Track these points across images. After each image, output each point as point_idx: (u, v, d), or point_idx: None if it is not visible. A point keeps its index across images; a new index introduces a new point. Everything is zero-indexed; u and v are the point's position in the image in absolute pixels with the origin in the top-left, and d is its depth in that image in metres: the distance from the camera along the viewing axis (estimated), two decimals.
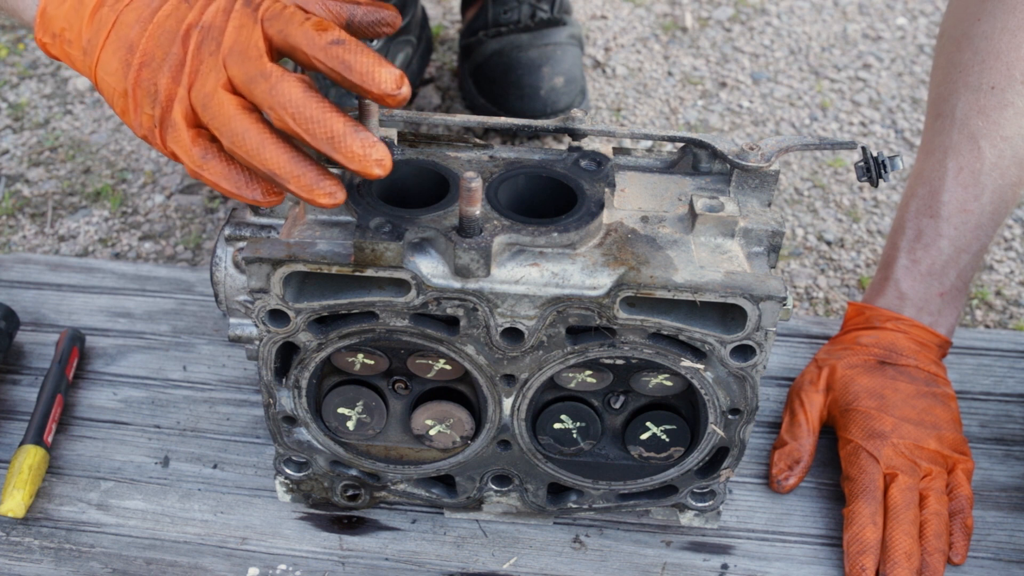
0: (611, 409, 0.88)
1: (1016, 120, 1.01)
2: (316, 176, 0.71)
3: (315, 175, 0.71)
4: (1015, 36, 1.00)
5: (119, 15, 0.75)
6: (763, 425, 1.07)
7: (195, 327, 1.16)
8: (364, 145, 0.69)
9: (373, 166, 0.70)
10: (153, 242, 1.36)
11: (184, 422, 1.07)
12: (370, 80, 0.68)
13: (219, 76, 0.71)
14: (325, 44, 0.69)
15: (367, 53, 0.69)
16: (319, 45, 0.69)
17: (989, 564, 0.96)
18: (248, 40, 0.71)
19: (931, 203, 1.05)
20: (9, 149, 1.50)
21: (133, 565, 0.94)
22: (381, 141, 0.70)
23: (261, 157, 0.71)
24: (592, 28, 1.76)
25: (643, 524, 0.99)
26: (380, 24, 0.78)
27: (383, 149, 0.70)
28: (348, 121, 0.69)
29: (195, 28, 0.73)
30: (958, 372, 1.12)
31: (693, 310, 0.80)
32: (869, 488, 0.95)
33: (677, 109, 1.60)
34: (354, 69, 0.68)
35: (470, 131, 1.28)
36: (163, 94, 0.73)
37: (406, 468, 0.92)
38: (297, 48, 0.70)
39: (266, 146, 0.70)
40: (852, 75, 1.68)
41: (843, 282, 1.33)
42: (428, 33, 1.58)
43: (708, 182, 0.86)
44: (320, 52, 0.69)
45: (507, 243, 0.77)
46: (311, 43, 0.69)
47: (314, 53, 0.69)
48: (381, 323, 0.80)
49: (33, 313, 1.17)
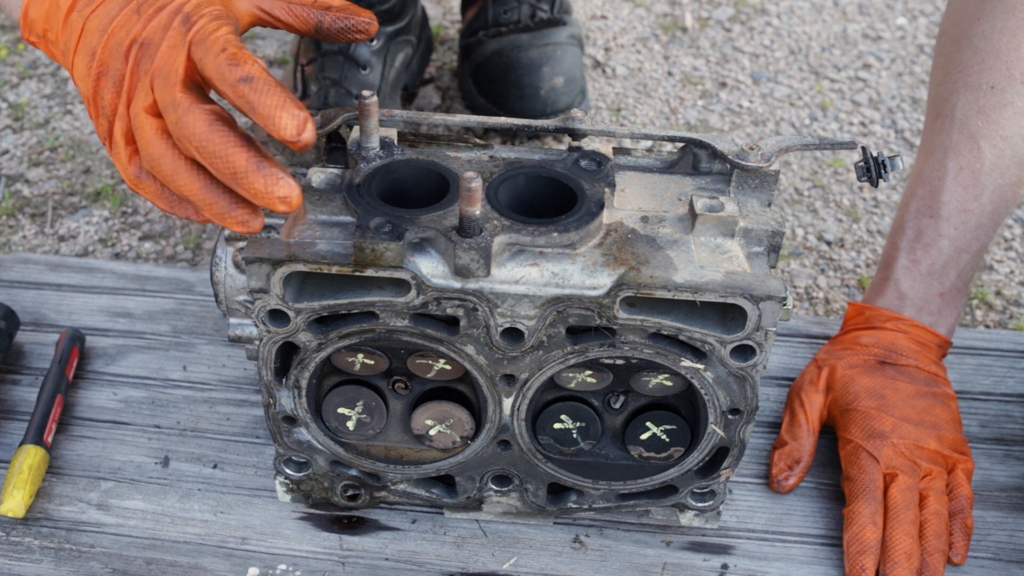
0: (611, 409, 0.88)
1: (1016, 120, 1.01)
2: (228, 205, 0.70)
3: (227, 203, 0.70)
4: (1015, 36, 1.00)
5: (86, 21, 0.75)
6: (763, 425, 1.07)
7: (195, 327, 1.16)
8: (267, 183, 0.67)
9: (277, 203, 0.68)
10: (153, 242, 1.36)
11: (184, 422, 1.07)
12: (271, 123, 0.66)
13: (146, 97, 0.70)
14: (233, 81, 0.67)
15: (273, 94, 0.67)
16: (228, 81, 0.67)
17: (989, 564, 0.96)
18: (172, 64, 0.70)
19: (931, 203, 1.05)
20: (9, 149, 1.50)
21: (133, 565, 0.94)
22: (288, 178, 0.68)
23: (176, 183, 0.70)
24: (592, 28, 1.76)
25: (643, 524, 0.99)
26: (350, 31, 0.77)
27: (287, 186, 0.68)
28: (252, 157, 0.67)
29: (136, 44, 0.72)
30: (958, 372, 1.12)
31: (693, 310, 0.80)
32: (869, 488, 0.95)
33: (677, 109, 1.60)
34: (257, 110, 0.67)
35: (470, 131, 1.28)
36: (108, 108, 0.73)
37: (406, 468, 0.92)
38: (209, 80, 0.69)
39: (180, 173, 0.70)
40: (852, 75, 1.68)
41: (843, 282, 1.33)
42: (428, 33, 1.58)
43: (708, 182, 0.86)
44: (228, 88, 0.67)
45: (507, 243, 0.77)
46: (221, 78, 0.68)
47: (223, 88, 0.68)
48: (381, 323, 0.80)
49: (33, 313, 1.17)
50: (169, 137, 0.70)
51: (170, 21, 0.72)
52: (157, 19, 0.72)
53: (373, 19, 0.78)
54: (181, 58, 0.69)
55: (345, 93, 1.39)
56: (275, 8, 0.75)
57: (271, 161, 0.68)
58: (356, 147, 0.83)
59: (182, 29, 0.71)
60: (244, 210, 0.70)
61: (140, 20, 0.73)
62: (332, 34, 0.77)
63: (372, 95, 0.80)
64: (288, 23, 0.78)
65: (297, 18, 0.76)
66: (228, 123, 0.68)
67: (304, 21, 0.77)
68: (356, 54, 1.41)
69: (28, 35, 0.80)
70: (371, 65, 1.42)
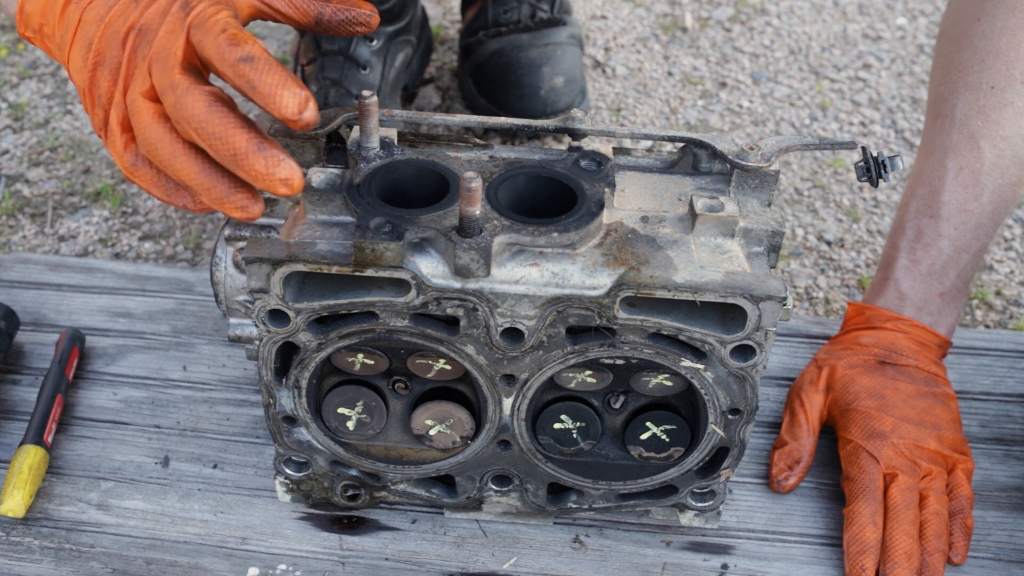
0: (611, 409, 0.88)
1: (1016, 120, 1.01)
2: (227, 189, 0.69)
3: (226, 188, 0.69)
4: (1014, 36, 1.00)
5: (83, 13, 0.75)
6: (763, 425, 1.07)
7: (195, 327, 1.16)
8: (268, 164, 0.66)
9: (278, 185, 0.67)
10: (153, 242, 1.36)
11: (184, 422, 1.07)
12: (272, 102, 0.66)
13: (144, 82, 0.69)
14: (234, 60, 0.66)
15: (274, 73, 0.66)
16: (228, 61, 0.67)
17: (989, 564, 0.96)
18: (170, 47, 0.69)
19: (931, 203, 1.05)
20: (9, 149, 1.50)
21: (133, 565, 0.94)
22: (290, 160, 0.67)
23: (173, 167, 0.69)
24: (592, 28, 1.76)
25: (643, 524, 0.99)
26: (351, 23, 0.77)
27: (289, 168, 0.67)
28: (253, 138, 0.66)
29: (133, 30, 0.71)
30: (958, 372, 1.12)
31: (693, 310, 0.80)
32: (869, 488, 0.95)
33: (677, 109, 1.60)
34: (258, 90, 0.66)
35: (470, 131, 1.28)
36: (104, 96, 0.72)
37: (406, 468, 0.92)
38: (209, 61, 0.68)
39: (177, 157, 0.69)
40: (852, 75, 1.67)
41: (843, 282, 1.33)
42: (428, 33, 1.58)
43: (708, 182, 0.86)
44: (228, 68, 0.67)
45: (507, 243, 0.77)
46: (221, 58, 0.67)
47: (223, 68, 0.67)
48: (381, 323, 0.80)
49: (33, 313, 1.17)
50: (167, 121, 0.69)
51: (169, 7, 0.71)
52: (155, 6, 0.72)
53: (374, 11, 0.78)
54: (180, 42, 0.69)
55: (345, 93, 1.39)
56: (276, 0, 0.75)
57: (272, 143, 0.67)
58: (356, 147, 0.83)
59: (181, 14, 0.70)
60: (243, 194, 0.69)
61: (138, 7, 0.72)
62: (333, 26, 0.77)
63: (372, 95, 0.80)
64: (288, 15, 0.77)
65: (297, 10, 0.75)
66: (228, 104, 0.67)
67: (304, 13, 0.76)
68: (356, 54, 1.41)
69: (24, 30, 0.79)
70: (371, 65, 1.42)
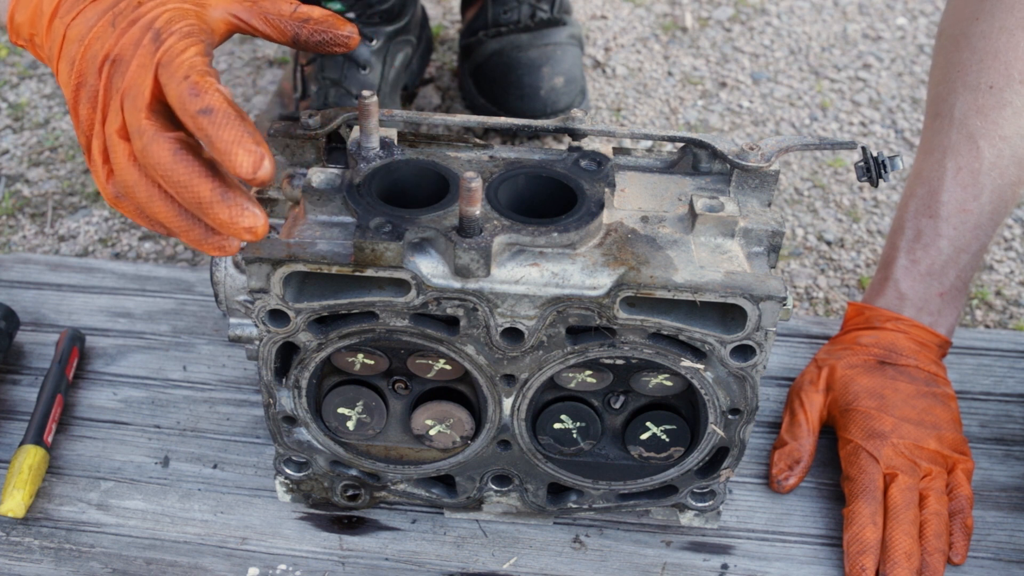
0: (611, 409, 0.88)
1: (1014, 119, 1.01)
2: (203, 232, 0.69)
3: (202, 231, 0.69)
4: (1013, 35, 1.00)
5: (67, 28, 0.74)
6: (763, 425, 1.07)
7: (195, 327, 1.16)
8: (232, 214, 0.66)
9: (243, 232, 0.67)
10: (153, 242, 1.36)
11: (184, 422, 1.07)
12: (227, 159, 0.65)
13: (117, 118, 0.69)
14: (194, 112, 0.66)
15: (231, 128, 0.65)
16: (188, 112, 0.66)
17: (989, 564, 0.96)
18: (139, 85, 0.69)
19: (930, 203, 1.05)
20: (9, 149, 1.51)
21: (133, 565, 0.94)
22: (254, 207, 0.67)
23: (151, 210, 0.69)
24: (592, 28, 1.76)
25: (643, 524, 0.99)
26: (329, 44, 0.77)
27: (252, 216, 0.67)
28: (217, 187, 0.66)
29: (108, 60, 0.71)
30: (958, 372, 1.12)
31: (693, 310, 0.80)
32: (869, 488, 0.95)
33: (677, 109, 1.60)
34: (215, 145, 0.65)
35: (470, 131, 1.28)
36: (85, 123, 0.72)
37: (406, 468, 0.92)
38: (172, 107, 0.68)
39: (154, 200, 0.69)
40: (852, 75, 1.68)
41: (843, 282, 1.33)
42: (428, 33, 1.58)
43: (708, 182, 0.86)
44: (188, 119, 0.66)
45: (507, 243, 0.77)
46: (182, 107, 0.67)
47: (183, 118, 0.67)
48: (381, 323, 0.80)
49: (33, 313, 1.17)
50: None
51: (141, 37, 0.71)
52: (129, 34, 0.71)
53: (354, 31, 0.78)
54: (148, 80, 0.68)
55: (345, 93, 1.39)
56: (252, 18, 0.75)
57: (237, 190, 0.67)
58: (356, 147, 0.83)
59: (151, 48, 0.70)
60: (220, 236, 0.69)
61: (114, 33, 0.72)
62: (310, 46, 0.77)
63: (372, 95, 0.80)
64: (266, 32, 0.77)
65: (275, 28, 0.75)
66: (193, 151, 0.67)
67: (281, 32, 0.76)
68: (356, 54, 1.41)
69: (16, 39, 0.80)
70: (371, 65, 1.42)
